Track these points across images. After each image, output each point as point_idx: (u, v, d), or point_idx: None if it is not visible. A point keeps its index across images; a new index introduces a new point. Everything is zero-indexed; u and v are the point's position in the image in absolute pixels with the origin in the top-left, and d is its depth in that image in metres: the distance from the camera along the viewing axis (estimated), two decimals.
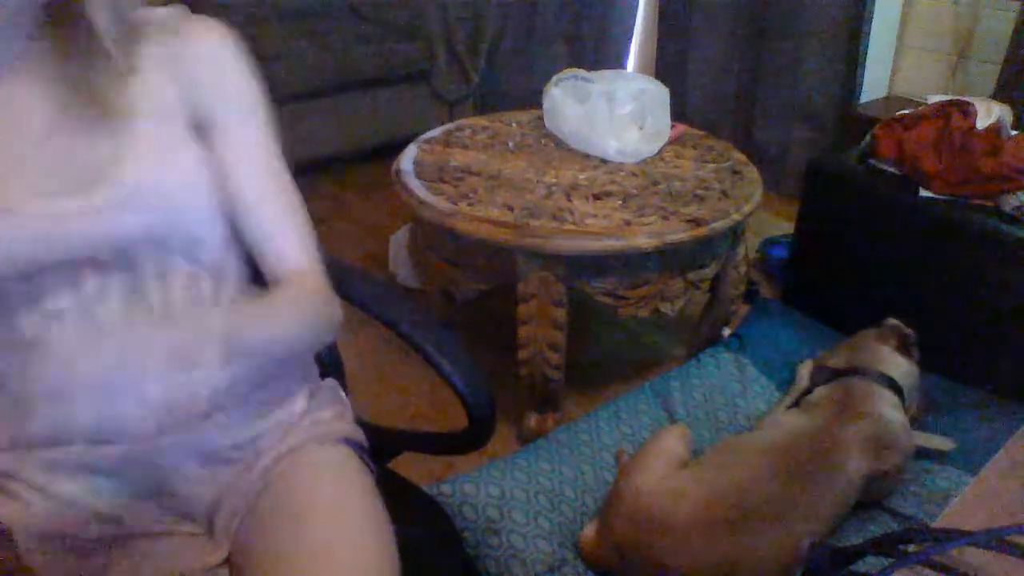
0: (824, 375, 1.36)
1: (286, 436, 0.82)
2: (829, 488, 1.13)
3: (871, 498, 1.21)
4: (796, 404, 1.36)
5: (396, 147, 1.92)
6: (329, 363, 1.00)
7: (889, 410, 1.25)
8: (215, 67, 0.79)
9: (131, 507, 0.75)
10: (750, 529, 1.07)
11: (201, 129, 0.77)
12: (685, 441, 1.24)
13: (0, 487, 0.72)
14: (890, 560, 0.54)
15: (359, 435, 0.89)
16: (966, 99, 1.82)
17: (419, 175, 1.72)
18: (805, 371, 1.46)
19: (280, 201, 0.82)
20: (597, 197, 1.65)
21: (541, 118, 2.02)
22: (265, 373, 0.81)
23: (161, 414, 0.57)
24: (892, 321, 1.44)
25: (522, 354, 1.63)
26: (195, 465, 0.77)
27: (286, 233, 0.81)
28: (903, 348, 1.39)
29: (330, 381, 0.93)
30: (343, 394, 0.93)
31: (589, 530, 1.16)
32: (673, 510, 1.09)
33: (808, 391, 1.36)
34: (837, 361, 1.38)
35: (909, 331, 1.41)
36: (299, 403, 0.86)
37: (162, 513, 0.77)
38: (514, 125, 2.05)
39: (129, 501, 0.75)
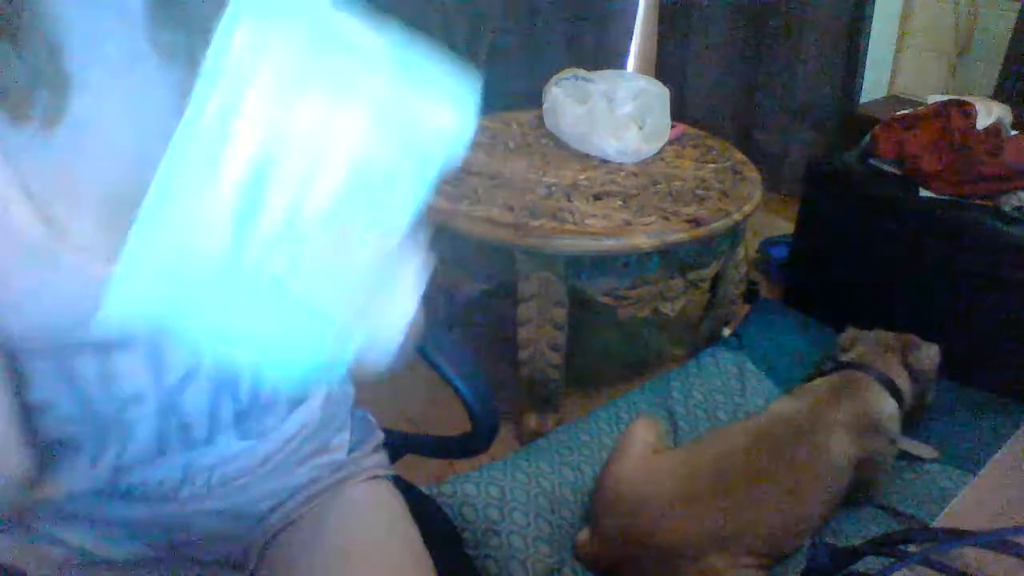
0: (830, 365, 1.37)
1: (320, 480, 0.79)
2: (813, 467, 1.14)
3: (860, 489, 1.22)
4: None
5: None
6: None
7: (879, 397, 1.26)
8: None
9: (147, 556, 0.72)
10: (732, 499, 1.08)
11: None
12: (655, 430, 1.25)
13: (18, 535, 0.69)
14: (890, 560, 0.54)
15: (388, 466, 0.86)
16: (966, 99, 1.82)
17: None
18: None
19: None
20: (597, 197, 1.65)
21: (541, 118, 2.02)
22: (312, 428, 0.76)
23: None
24: (921, 346, 1.37)
25: (522, 354, 1.63)
26: (222, 525, 0.73)
27: None
28: (909, 370, 1.36)
29: (361, 412, 0.89)
30: (373, 419, 0.90)
31: (584, 534, 1.16)
32: (652, 489, 1.11)
33: (810, 378, 1.36)
34: (848, 355, 1.38)
35: (922, 361, 1.35)
36: (337, 454, 0.81)
37: (178, 560, 0.74)
38: (514, 125, 2.05)
39: (145, 550, 0.72)
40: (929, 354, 1.37)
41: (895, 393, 1.29)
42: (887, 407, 1.26)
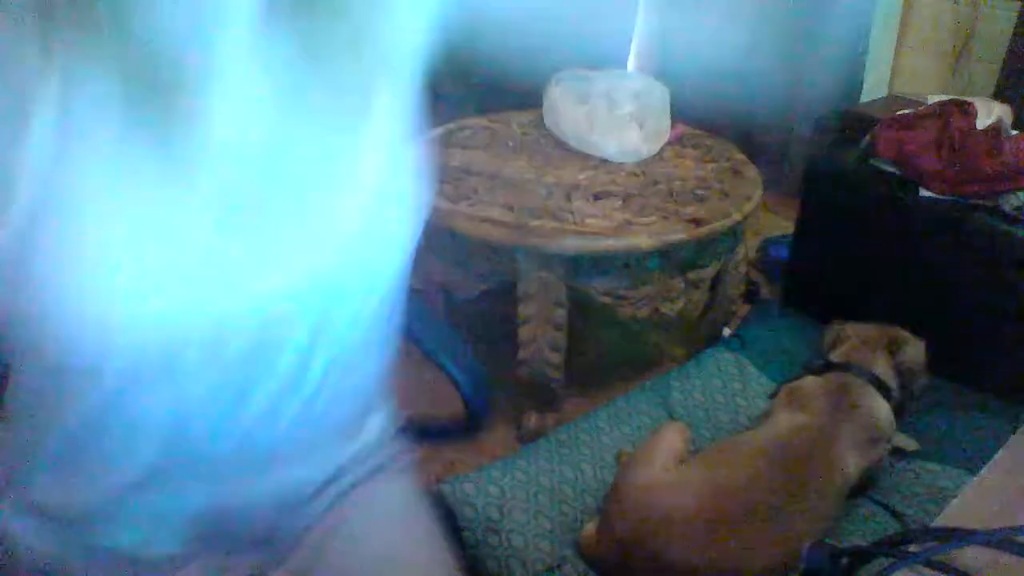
0: (819, 364, 1.36)
1: (356, 463, 0.79)
2: (829, 485, 1.14)
3: (861, 490, 1.23)
4: (775, 394, 1.35)
5: None
6: None
7: (875, 402, 1.26)
8: None
9: (185, 552, 0.71)
10: (753, 526, 1.07)
11: None
12: (684, 437, 1.24)
13: (60, 534, 0.68)
14: (890, 560, 0.54)
15: (410, 450, 0.87)
16: (966, 99, 1.81)
17: None
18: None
19: None
20: (597, 197, 1.65)
21: (541, 118, 2.02)
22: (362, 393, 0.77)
23: None
24: (908, 341, 1.38)
25: (522, 354, 1.63)
26: (268, 510, 0.73)
27: None
28: (897, 367, 1.37)
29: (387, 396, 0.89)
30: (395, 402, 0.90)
31: (590, 528, 1.16)
32: (677, 504, 1.09)
33: (797, 377, 1.35)
34: (837, 354, 1.37)
35: (911, 358, 1.36)
36: (374, 432, 0.82)
37: (215, 558, 0.73)
38: (514, 125, 2.05)
39: (184, 547, 0.71)
40: (918, 350, 1.37)
41: (884, 390, 1.30)
42: (882, 410, 1.26)
